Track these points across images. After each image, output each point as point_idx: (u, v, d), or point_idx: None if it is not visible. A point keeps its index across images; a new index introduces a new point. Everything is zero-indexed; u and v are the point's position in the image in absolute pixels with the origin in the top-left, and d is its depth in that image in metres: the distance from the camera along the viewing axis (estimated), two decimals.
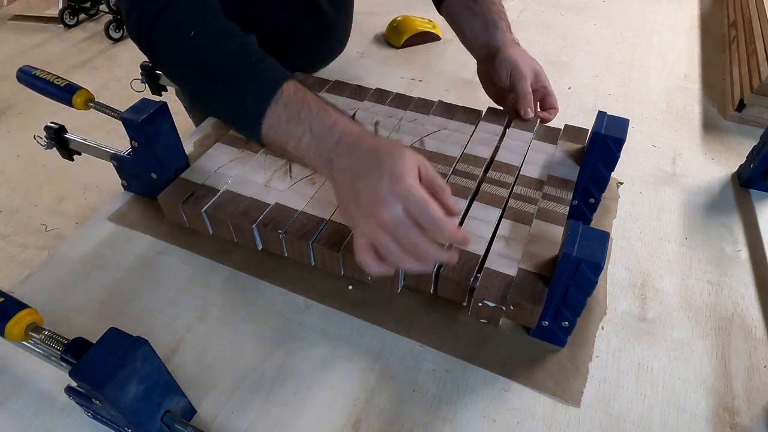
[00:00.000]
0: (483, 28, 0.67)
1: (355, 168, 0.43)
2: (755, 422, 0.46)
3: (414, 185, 0.41)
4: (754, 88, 0.77)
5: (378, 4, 1.13)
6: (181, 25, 0.48)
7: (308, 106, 0.46)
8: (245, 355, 0.50)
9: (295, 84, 0.47)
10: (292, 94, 0.46)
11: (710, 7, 1.13)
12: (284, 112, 0.46)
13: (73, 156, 0.67)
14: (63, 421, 0.45)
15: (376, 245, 0.42)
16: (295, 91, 0.46)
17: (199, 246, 0.59)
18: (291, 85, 0.47)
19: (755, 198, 0.67)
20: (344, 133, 0.44)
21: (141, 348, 0.37)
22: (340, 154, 0.44)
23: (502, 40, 0.65)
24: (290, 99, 0.46)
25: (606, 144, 0.55)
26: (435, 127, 0.64)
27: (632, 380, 0.48)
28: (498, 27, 0.66)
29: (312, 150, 0.45)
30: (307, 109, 0.46)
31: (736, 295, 0.56)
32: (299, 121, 0.45)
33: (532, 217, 0.52)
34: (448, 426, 0.45)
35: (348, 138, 0.44)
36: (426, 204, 0.40)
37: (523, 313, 0.46)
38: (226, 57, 0.48)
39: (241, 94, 0.47)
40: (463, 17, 0.69)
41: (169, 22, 0.49)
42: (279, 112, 0.46)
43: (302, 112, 0.45)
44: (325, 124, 0.45)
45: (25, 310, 0.42)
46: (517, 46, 0.66)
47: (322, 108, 0.46)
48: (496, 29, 0.66)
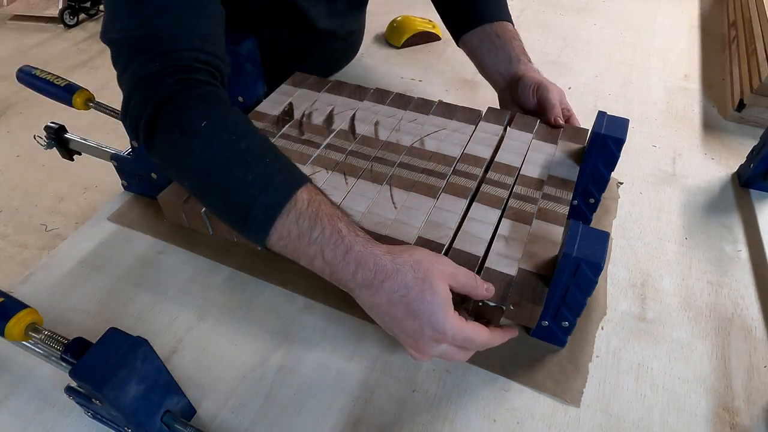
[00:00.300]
0: (506, 61, 0.69)
1: (384, 312, 0.41)
2: (755, 422, 0.46)
3: (457, 331, 0.40)
4: (754, 88, 0.77)
5: (378, 4, 1.13)
6: (192, 114, 0.43)
7: (321, 225, 0.41)
8: (245, 355, 0.50)
9: (309, 192, 0.43)
10: (305, 207, 0.42)
11: (710, 7, 1.13)
12: (296, 227, 0.41)
13: (73, 156, 0.67)
14: (63, 421, 0.45)
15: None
16: (309, 202, 0.42)
17: (199, 246, 0.59)
18: (305, 194, 0.42)
19: (755, 198, 0.67)
20: (360, 265, 0.41)
21: (141, 348, 0.37)
22: (360, 288, 0.41)
23: (525, 69, 0.68)
24: (302, 212, 0.41)
25: (606, 144, 0.55)
26: (435, 127, 0.64)
27: (632, 380, 0.48)
28: (521, 60, 0.68)
29: (326, 274, 0.42)
30: (320, 227, 0.41)
31: (736, 295, 0.56)
32: (311, 242, 0.41)
33: (532, 216, 0.52)
34: (448, 426, 0.45)
35: (365, 272, 0.41)
36: (473, 340, 0.42)
37: (523, 313, 0.46)
38: (235, 153, 0.43)
39: (250, 198, 0.41)
40: (485, 50, 0.71)
41: (177, 110, 0.44)
42: (289, 227, 0.41)
43: (315, 231, 0.41)
44: (338, 251, 0.41)
45: (25, 310, 0.42)
46: (540, 74, 0.68)
47: (336, 230, 0.41)
48: (519, 62, 0.68)
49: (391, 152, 0.60)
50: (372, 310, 0.42)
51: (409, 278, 0.40)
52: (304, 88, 0.71)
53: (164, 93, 0.44)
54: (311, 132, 0.63)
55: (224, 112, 0.45)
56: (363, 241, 0.42)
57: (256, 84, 0.71)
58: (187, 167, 0.45)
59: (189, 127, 0.43)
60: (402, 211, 0.52)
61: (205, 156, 0.43)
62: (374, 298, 0.41)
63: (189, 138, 0.43)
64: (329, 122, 0.65)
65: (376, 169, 0.58)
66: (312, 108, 0.67)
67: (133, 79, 0.45)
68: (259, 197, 0.41)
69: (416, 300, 0.40)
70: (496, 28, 0.70)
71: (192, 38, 0.46)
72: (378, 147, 0.61)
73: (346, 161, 0.59)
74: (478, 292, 0.43)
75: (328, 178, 0.57)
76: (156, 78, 0.44)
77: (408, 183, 0.56)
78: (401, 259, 0.41)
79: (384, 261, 0.41)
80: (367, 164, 0.58)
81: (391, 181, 0.56)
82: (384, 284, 0.40)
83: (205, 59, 0.47)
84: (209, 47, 0.47)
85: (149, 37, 0.45)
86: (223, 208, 0.44)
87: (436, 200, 0.54)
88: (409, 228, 0.50)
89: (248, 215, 0.42)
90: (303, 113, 0.66)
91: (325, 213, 0.42)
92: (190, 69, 0.45)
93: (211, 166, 0.43)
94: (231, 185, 0.42)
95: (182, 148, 0.44)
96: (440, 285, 0.41)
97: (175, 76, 0.44)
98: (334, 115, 0.66)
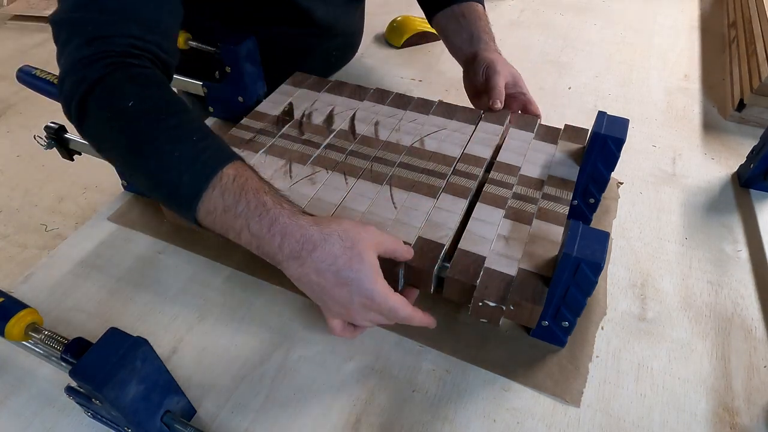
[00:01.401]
0: (468, 40, 0.71)
1: (313, 281, 0.42)
2: (755, 422, 0.46)
3: (383, 297, 0.42)
4: (754, 88, 0.77)
5: (378, 4, 1.13)
6: (122, 93, 0.44)
7: (246, 198, 0.42)
8: (245, 354, 0.50)
9: (236, 168, 0.43)
10: (230, 182, 0.42)
11: (710, 7, 1.13)
12: (221, 201, 0.42)
13: (73, 156, 0.67)
14: (63, 421, 0.45)
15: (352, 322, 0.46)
16: (235, 177, 0.42)
17: (199, 246, 0.59)
18: (231, 170, 0.43)
19: (755, 198, 0.67)
20: (285, 236, 0.41)
21: (141, 348, 0.37)
22: (287, 260, 0.42)
23: (484, 48, 0.70)
24: (228, 187, 0.42)
25: (606, 144, 0.55)
26: (435, 127, 0.64)
27: (632, 380, 0.48)
28: (481, 39, 0.71)
29: (254, 247, 0.43)
30: (245, 201, 0.41)
31: (736, 295, 0.56)
32: (236, 215, 0.41)
33: (532, 216, 0.52)
34: (448, 426, 0.45)
35: (291, 243, 0.41)
36: (396, 312, 0.43)
37: (523, 313, 0.46)
38: (163, 131, 0.43)
39: (175, 175, 0.42)
40: (451, 30, 0.74)
41: (107, 90, 0.44)
42: (215, 201, 0.42)
43: (239, 205, 0.41)
44: (263, 222, 0.41)
45: (25, 310, 0.42)
46: (497, 54, 0.70)
47: (261, 202, 0.42)
48: (480, 41, 0.70)
49: (391, 152, 0.60)
50: (300, 281, 0.43)
51: (337, 248, 0.41)
52: (304, 88, 0.71)
53: (95, 75, 0.44)
54: (311, 132, 0.63)
55: (153, 92, 0.46)
56: (288, 213, 0.42)
57: (256, 84, 0.71)
58: (116, 147, 0.46)
59: (117, 106, 0.44)
60: (402, 211, 0.52)
61: (132, 134, 0.44)
62: (302, 268, 0.42)
63: (117, 117, 0.44)
64: (329, 122, 0.65)
65: (376, 169, 0.58)
66: (312, 108, 0.67)
67: (68, 61, 0.46)
68: (185, 173, 0.42)
69: (344, 268, 0.41)
70: (463, 8, 0.73)
71: (130, 25, 0.47)
72: (378, 147, 0.61)
73: (346, 161, 0.59)
74: (403, 255, 0.46)
75: (328, 178, 0.57)
76: (88, 61, 0.45)
77: (408, 183, 0.56)
78: (329, 229, 0.42)
79: (311, 232, 0.41)
80: (367, 164, 0.58)
81: (391, 181, 0.56)
82: (312, 254, 0.41)
83: (141, 46, 0.47)
84: (150, 36, 0.48)
85: (87, 21, 0.46)
86: (152, 185, 0.45)
87: (436, 200, 0.54)
88: (409, 228, 0.50)
89: (176, 192, 0.43)
90: (303, 113, 0.66)
91: (251, 187, 0.43)
92: (124, 54, 0.46)
93: (139, 144, 0.44)
94: (158, 163, 0.43)
95: (110, 128, 0.45)
96: (368, 253, 0.42)
97: (108, 59, 0.45)
98: (334, 115, 0.66)
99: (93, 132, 0.47)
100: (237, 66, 0.67)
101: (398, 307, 0.43)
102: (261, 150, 0.61)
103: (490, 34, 0.72)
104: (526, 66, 0.93)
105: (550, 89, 0.88)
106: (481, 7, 0.74)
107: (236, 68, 0.68)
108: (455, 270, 0.47)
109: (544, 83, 0.89)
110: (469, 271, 0.47)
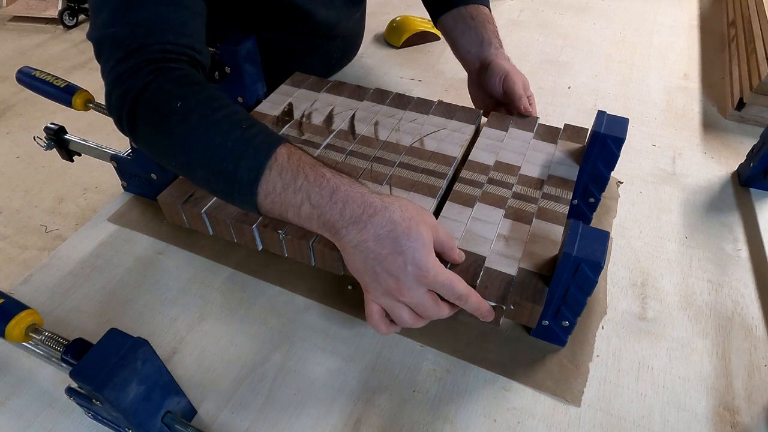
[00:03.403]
0: (478, 43, 0.70)
1: (369, 249, 0.42)
2: (756, 421, 0.46)
3: (438, 271, 0.42)
4: (753, 87, 0.77)
5: (378, 4, 1.13)
6: (168, 96, 0.46)
7: (304, 173, 0.43)
8: (245, 355, 0.50)
9: (288, 148, 0.45)
10: (286, 161, 0.43)
11: (710, 6, 1.13)
12: (279, 180, 0.43)
13: (73, 157, 0.67)
14: (63, 422, 0.45)
15: (390, 313, 0.45)
16: (289, 156, 0.44)
17: (199, 246, 0.59)
18: (284, 150, 0.44)
19: (755, 197, 0.67)
20: (347, 202, 0.42)
21: (141, 348, 0.37)
22: (347, 227, 0.42)
23: (495, 54, 0.69)
24: (284, 166, 0.43)
25: (606, 143, 0.55)
26: (435, 127, 0.64)
27: (632, 380, 0.48)
28: (492, 44, 0.70)
29: (314, 220, 0.43)
30: (303, 175, 0.43)
31: (736, 294, 0.56)
32: (296, 190, 0.43)
33: (533, 216, 0.52)
34: (448, 426, 0.45)
35: (353, 208, 0.42)
36: (452, 286, 0.42)
37: (523, 312, 0.46)
38: (213, 124, 0.45)
39: (232, 163, 0.43)
40: (458, 31, 0.73)
41: (153, 96, 0.46)
42: (274, 181, 0.43)
43: (298, 180, 0.43)
44: (324, 192, 0.42)
45: (25, 311, 0.42)
46: (509, 61, 0.69)
47: (320, 174, 0.43)
48: (490, 45, 0.70)
49: (391, 152, 0.60)
50: (357, 248, 0.43)
51: (397, 215, 0.42)
52: (303, 88, 0.71)
53: (140, 84, 0.46)
54: (311, 132, 0.63)
55: (197, 90, 0.47)
56: (348, 181, 0.44)
57: (256, 84, 0.71)
58: (169, 148, 0.47)
59: (166, 109, 0.45)
60: None
61: (184, 133, 0.45)
62: (361, 234, 0.42)
63: (167, 119, 0.45)
64: (329, 122, 0.65)
65: (376, 169, 0.58)
66: (312, 108, 0.67)
67: (112, 75, 0.47)
68: (241, 160, 0.43)
69: (402, 235, 0.41)
70: (471, 10, 0.72)
71: (165, 32, 0.48)
72: (378, 147, 0.61)
73: (346, 161, 0.59)
74: (452, 254, 0.46)
75: None
76: (132, 72, 0.46)
77: (408, 183, 0.56)
78: (389, 199, 0.43)
79: (372, 198, 0.43)
80: (367, 164, 0.58)
81: (391, 181, 0.56)
82: (372, 219, 0.42)
83: (177, 50, 0.48)
84: (183, 40, 0.49)
85: (123, 35, 0.47)
86: (210, 179, 0.46)
87: (436, 199, 0.54)
88: None
89: (234, 179, 0.44)
90: (303, 113, 0.66)
91: (307, 162, 0.44)
92: (163, 60, 0.47)
93: (192, 141, 0.45)
94: (213, 155, 0.44)
95: (162, 131, 0.46)
96: (424, 228, 0.43)
97: (149, 67, 0.46)
98: (333, 115, 0.66)
99: (147, 139, 0.48)
100: (237, 66, 0.67)
101: (454, 281, 0.43)
102: None
103: (499, 38, 0.71)
104: (525, 66, 0.93)
105: (549, 89, 0.88)
106: (488, 10, 0.74)
107: (236, 68, 0.68)
108: (455, 270, 0.47)
109: (544, 83, 0.89)
110: (469, 271, 0.47)
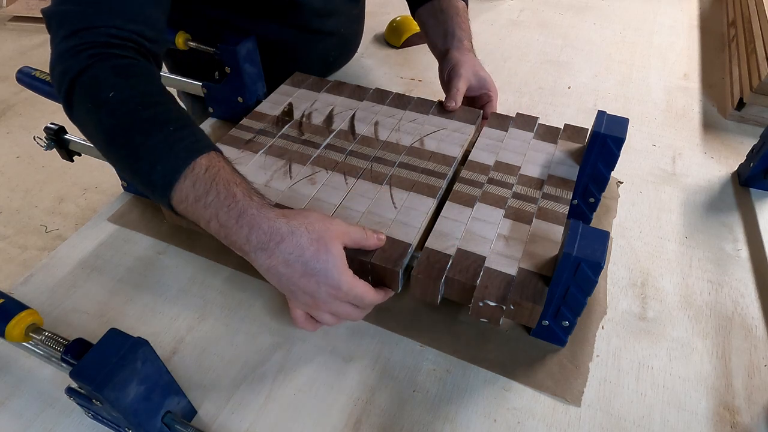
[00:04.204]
0: (443, 36, 0.72)
1: (281, 273, 0.43)
2: (756, 421, 0.46)
3: (351, 286, 0.44)
4: (753, 87, 0.77)
5: (378, 4, 1.13)
6: (102, 85, 0.45)
7: (216, 189, 0.42)
8: (245, 355, 0.50)
9: (209, 159, 0.44)
10: (202, 172, 0.43)
11: (710, 6, 1.13)
12: (192, 190, 0.43)
13: (73, 157, 0.67)
14: (63, 422, 0.45)
15: (314, 317, 0.48)
16: (207, 168, 0.43)
17: (199, 246, 0.59)
18: (204, 160, 0.43)
19: (755, 197, 0.67)
20: (253, 228, 0.42)
21: (141, 348, 0.37)
22: (255, 252, 0.42)
23: (457, 47, 0.70)
24: (199, 177, 0.43)
25: (606, 143, 0.55)
26: (435, 127, 0.64)
27: (632, 379, 0.48)
28: (455, 36, 0.71)
29: (222, 237, 0.43)
30: (215, 191, 0.42)
31: (736, 294, 0.56)
32: (206, 205, 0.42)
33: (533, 216, 0.52)
34: (448, 426, 0.45)
35: (259, 235, 0.42)
36: (363, 297, 0.45)
37: (523, 312, 0.46)
38: (138, 122, 0.44)
39: (148, 164, 0.43)
40: (429, 25, 0.75)
41: (89, 82, 0.46)
42: (187, 191, 0.43)
43: (210, 195, 0.42)
44: (231, 214, 0.42)
45: (25, 311, 0.42)
46: (468, 53, 0.70)
47: (231, 194, 0.43)
48: (454, 38, 0.71)
49: (391, 152, 0.60)
50: (269, 272, 0.43)
51: (304, 239, 0.42)
52: (303, 88, 0.71)
53: (78, 67, 0.46)
54: (311, 132, 0.63)
55: (133, 83, 0.47)
56: (257, 205, 0.43)
57: (256, 84, 0.71)
58: (96, 136, 0.47)
59: (98, 98, 0.45)
60: (402, 211, 0.52)
61: (110, 126, 0.45)
62: (270, 260, 0.42)
63: (98, 109, 0.45)
64: (329, 122, 0.65)
65: (376, 169, 0.58)
66: (312, 108, 0.67)
67: (56, 52, 0.48)
68: (158, 163, 0.43)
69: (312, 259, 0.42)
70: (442, 3, 0.73)
71: (114, 15, 0.48)
72: (378, 147, 0.61)
73: (346, 161, 0.59)
74: (370, 242, 0.47)
75: (328, 178, 0.57)
76: (73, 52, 0.46)
77: (408, 183, 0.56)
78: (296, 222, 0.43)
79: (279, 224, 0.42)
80: (367, 164, 0.58)
81: (391, 181, 0.56)
82: (280, 246, 0.42)
83: (123, 35, 0.48)
84: (132, 26, 0.49)
85: (72, 13, 0.47)
86: (130, 174, 0.47)
87: (436, 200, 0.54)
88: (409, 228, 0.50)
89: (150, 181, 0.44)
90: (303, 113, 0.66)
91: (222, 178, 0.43)
92: (106, 44, 0.47)
93: (116, 134, 0.45)
94: (133, 153, 0.44)
95: (92, 119, 0.46)
96: (334, 244, 0.43)
97: (90, 50, 0.46)
98: (333, 115, 0.66)
99: (80, 121, 0.49)
100: (236, 66, 0.67)
101: (364, 293, 0.45)
102: (261, 150, 0.61)
103: (467, 31, 0.72)
104: (525, 66, 0.93)
105: (549, 89, 0.88)
106: (461, 3, 0.75)
107: (236, 68, 0.68)
108: (455, 270, 0.47)
109: (544, 83, 0.89)
110: (469, 271, 0.47)
